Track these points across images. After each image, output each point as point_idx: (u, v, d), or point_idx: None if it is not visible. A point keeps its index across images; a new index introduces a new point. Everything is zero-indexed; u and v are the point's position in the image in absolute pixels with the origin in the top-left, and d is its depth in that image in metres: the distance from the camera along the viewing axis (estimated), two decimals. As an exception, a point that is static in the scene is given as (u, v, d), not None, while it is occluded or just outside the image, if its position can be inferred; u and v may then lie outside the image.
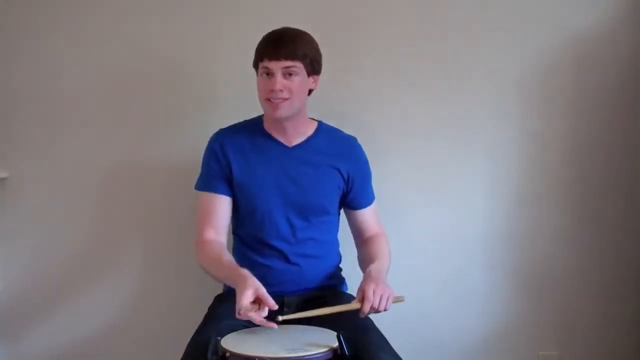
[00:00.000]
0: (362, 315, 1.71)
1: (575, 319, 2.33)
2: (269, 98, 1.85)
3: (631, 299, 2.33)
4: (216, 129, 2.00)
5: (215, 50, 2.24)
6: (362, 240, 2.03)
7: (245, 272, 1.72)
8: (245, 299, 1.62)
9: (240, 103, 2.13)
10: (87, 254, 2.29)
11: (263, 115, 1.99)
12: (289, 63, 1.82)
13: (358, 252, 2.03)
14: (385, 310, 1.73)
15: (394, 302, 1.76)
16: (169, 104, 2.26)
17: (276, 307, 1.65)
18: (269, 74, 1.83)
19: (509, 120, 2.28)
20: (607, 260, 2.32)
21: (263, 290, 1.65)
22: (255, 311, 1.63)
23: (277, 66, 1.82)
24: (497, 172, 2.29)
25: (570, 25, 2.25)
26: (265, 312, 1.63)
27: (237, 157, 1.93)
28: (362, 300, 1.71)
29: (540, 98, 2.28)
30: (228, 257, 1.85)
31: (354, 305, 1.72)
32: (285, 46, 1.83)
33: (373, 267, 1.83)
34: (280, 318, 1.65)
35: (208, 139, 1.98)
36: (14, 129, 2.26)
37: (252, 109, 2.00)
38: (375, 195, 2.06)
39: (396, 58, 2.25)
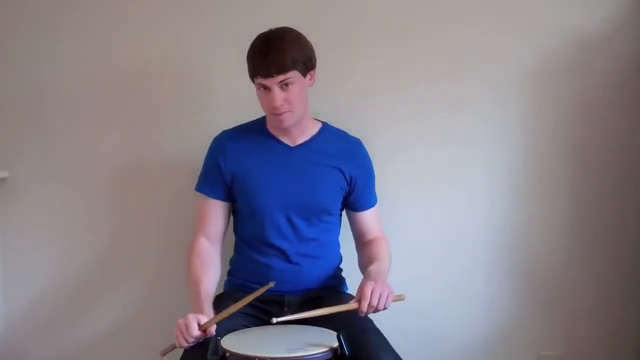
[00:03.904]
0: (361, 314, 1.71)
1: (576, 319, 2.33)
2: (273, 113, 1.85)
3: (632, 299, 2.33)
4: (220, 129, 2.00)
5: (218, 51, 2.24)
6: (362, 243, 2.03)
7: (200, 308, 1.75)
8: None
9: (243, 104, 2.12)
10: (87, 254, 2.29)
11: (266, 116, 1.99)
12: (282, 77, 1.80)
13: (358, 255, 2.03)
14: (384, 308, 1.73)
15: (394, 300, 1.76)
16: (171, 103, 2.26)
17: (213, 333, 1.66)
18: (267, 89, 1.82)
19: (510, 120, 2.28)
20: (608, 260, 2.31)
21: (203, 319, 1.67)
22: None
23: (272, 82, 1.80)
24: (498, 173, 2.29)
25: (570, 25, 2.25)
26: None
27: (239, 159, 1.93)
28: (360, 299, 1.71)
29: (541, 98, 2.27)
30: (203, 287, 1.82)
31: (351, 305, 1.72)
32: (274, 61, 1.78)
33: (372, 268, 1.84)
34: (274, 320, 1.63)
35: (212, 138, 1.99)
36: (14, 129, 2.26)
37: (255, 110, 2.00)
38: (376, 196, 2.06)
39: (396, 58, 2.25)
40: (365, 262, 1.95)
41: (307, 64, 1.85)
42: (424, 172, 2.28)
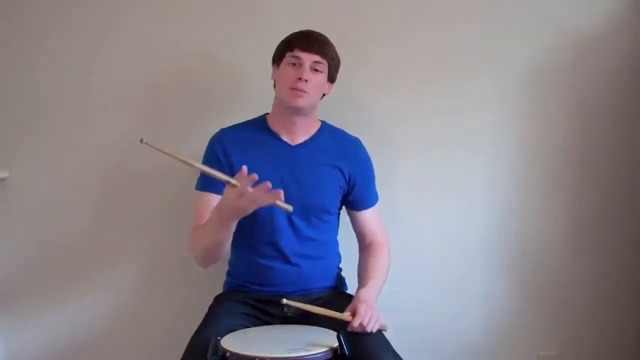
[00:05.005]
0: (349, 329, 1.71)
1: (574, 319, 2.34)
2: (294, 87, 1.87)
3: (631, 299, 2.33)
4: (219, 129, 2.00)
5: (220, 52, 2.24)
6: (364, 245, 2.03)
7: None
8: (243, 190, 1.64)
9: (246, 105, 2.13)
10: (87, 254, 2.29)
11: (267, 114, 2.00)
12: (319, 58, 1.89)
13: (359, 257, 2.03)
14: (371, 332, 1.73)
15: (379, 328, 1.76)
16: (172, 104, 2.26)
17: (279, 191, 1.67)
18: (298, 64, 1.88)
19: (510, 120, 2.29)
20: (607, 261, 2.32)
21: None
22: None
23: (308, 58, 1.88)
24: (498, 173, 2.30)
25: (570, 25, 2.26)
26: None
27: (239, 156, 1.92)
28: (354, 315, 1.73)
29: (541, 98, 2.28)
30: None
31: (345, 317, 1.73)
32: (318, 42, 1.91)
33: (363, 293, 1.83)
34: (284, 300, 1.72)
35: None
36: (14, 129, 2.26)
37: (257, 111, 2.01)
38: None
39: (396, 57, 2.25)
40: (362, 271, 1.95)
41: (334, 71, 1.95)
42: (424, 172, 2.28)
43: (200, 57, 2.24)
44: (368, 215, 2.03)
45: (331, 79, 1.96)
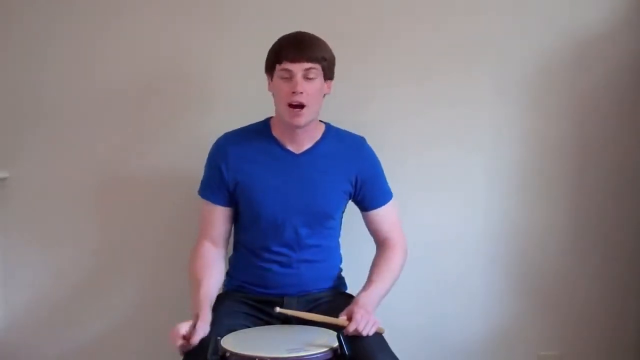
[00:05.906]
0: (344, 334, 1.69)
1: (575, 318, 2.34)
2: (290, 103, 1.82)
3: (631, 299, 2.33)
4: (219, 134, 1.98)
5: (218, 54, 2.24)
6: (378, 244, 2.00)
7: (200, 310, 1.73)
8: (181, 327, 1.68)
9: (244, 107, 2.13)
10: (87, 254, 2.29)
11: (271, 119, 1.97)
12: (309, 65, 1.81)
13: (375, 253, 2.01)
14: (367, 335, 1.72)
15: (375, 331, 1.75)
16: (172, 105, 2.26)
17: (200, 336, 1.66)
18: (289, 77, 1.82)
19: (509, 120, 2.29)
20: (607, 260, 2.32)
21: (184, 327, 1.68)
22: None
23: (298, 68, 1.81)
24: (497, 172, 2.30)
25: (570, 25, 2.26)
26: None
27: (242, 165, 1.90)
28: (350, 320, 1.71)
29: (540, 98, 2.28)
30: (203, 288, 1.81)
31: (341, 321, 1.73)
32: (306, 48, 1.82)
33: (362, 297, 1.82)
34: (277, 309, 1.71)
35: (211, 142, 1.97)
36: (14, 129, 2.26)
37: (256, 114, 2.00)
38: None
39: (396, 57, 2.26)
40: (369, 273, 1.92)
41: (329, 69, 1.88)
42: (424, 171, 2.29)
43: (202, 59, 2.25)
44: (380, 214, 1.99)
45: (329, 77, 1.89)
